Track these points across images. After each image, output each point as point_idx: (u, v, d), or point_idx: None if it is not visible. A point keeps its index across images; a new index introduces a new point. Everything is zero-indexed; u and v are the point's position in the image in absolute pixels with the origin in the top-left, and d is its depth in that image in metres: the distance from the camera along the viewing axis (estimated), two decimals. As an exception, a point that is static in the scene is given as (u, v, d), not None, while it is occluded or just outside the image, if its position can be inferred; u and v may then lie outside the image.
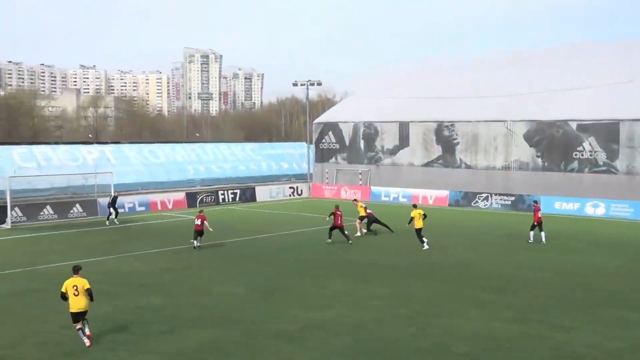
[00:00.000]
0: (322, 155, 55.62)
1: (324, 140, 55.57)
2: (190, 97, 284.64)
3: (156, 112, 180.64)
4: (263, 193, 50.48)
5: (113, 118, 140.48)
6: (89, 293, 15.00)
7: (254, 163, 59.86)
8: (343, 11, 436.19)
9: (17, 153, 46.83)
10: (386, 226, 32.31)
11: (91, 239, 31.01)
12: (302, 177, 57.43)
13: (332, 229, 29.07)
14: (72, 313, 14.97)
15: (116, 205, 36.82)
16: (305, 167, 57.83)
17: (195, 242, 28.30)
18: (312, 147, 57.23)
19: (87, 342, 14.91)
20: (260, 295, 19.58)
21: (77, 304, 14.89)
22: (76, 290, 14.95)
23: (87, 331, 15.04)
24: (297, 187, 53.18)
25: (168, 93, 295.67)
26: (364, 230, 31.52)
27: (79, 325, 15.00)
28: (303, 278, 21.99)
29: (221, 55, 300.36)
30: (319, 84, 57.40)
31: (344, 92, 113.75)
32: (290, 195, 52.21)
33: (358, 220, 31.62)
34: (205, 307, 18.10)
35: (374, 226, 32.08)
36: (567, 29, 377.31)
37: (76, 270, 15.36)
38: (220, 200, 47.22)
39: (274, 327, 16.21)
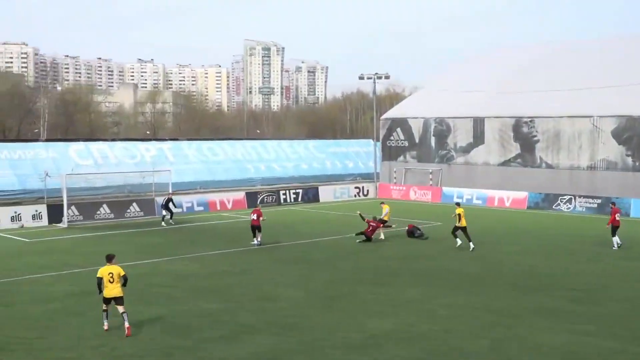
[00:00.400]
0: (390, 154, 55.44)
1: (391, 138, 55.39)
2: (250, 92, 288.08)
3: (215, 108, 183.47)
4: (326, 193, 50.68)
5: (171, 114, 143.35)
6: (124, 279, 16.50)
7: (317, 161, 60.13)
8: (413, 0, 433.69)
9: (74, 150, 48.37)
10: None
11: (148, 240, 31.79)
12: (368, 177, 57.37)
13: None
14: (104, 298, 16.37)
15: (172, 205, 37.53)
16: (372, 166, 57.73)
17: (255, 240, 29.29)
18: (379, 144, 57.11)
19: (105, 326, 16.50)
20: (322, 302, 19.70)
21: (112, 290, 16.31)
22: (111, 277, 16.32)
23: (126, 324, 16.24)
24: (362, 187, 53.19)
25: (228, 88, 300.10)
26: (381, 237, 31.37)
27: (105, 307, 16.45)
28: (367, 284, 21.99)
29: (283, 48, 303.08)
30: (387, 77, 57.22)
31: (413, 86, 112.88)
32: (355, 196, 52.25)
33: (379, 224, 31.45)
34: (265, 313, 18.32)
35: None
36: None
37: (109, 258, 16.69)
38: (282, 201, 47.66)
39: (337, 336, 16.27)
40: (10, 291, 21.17)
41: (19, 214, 37.02)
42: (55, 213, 37.59)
